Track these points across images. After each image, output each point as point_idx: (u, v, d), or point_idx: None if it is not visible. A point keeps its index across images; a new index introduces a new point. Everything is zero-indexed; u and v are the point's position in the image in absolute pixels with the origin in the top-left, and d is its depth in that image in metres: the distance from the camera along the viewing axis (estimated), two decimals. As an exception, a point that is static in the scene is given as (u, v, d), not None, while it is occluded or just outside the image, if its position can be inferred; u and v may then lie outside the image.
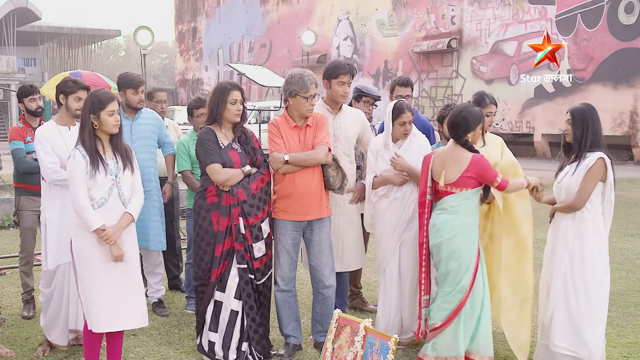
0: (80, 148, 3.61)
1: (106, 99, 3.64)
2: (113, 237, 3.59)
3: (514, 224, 4.05)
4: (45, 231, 4.20)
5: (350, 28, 29.82)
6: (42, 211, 4.26)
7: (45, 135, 4.14)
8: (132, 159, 3.79)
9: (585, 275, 3.79)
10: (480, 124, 3.88)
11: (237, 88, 4.08)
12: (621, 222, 9.54)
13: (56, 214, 4.13)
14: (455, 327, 3.84)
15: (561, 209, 3.89)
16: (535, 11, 21.85)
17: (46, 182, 4.19)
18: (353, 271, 5.02)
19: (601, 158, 3.75)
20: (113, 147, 3.72)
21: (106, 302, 3.61)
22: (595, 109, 3.90)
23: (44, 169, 4.12)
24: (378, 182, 4.38)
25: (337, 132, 4.47)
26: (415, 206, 4.24)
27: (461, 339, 3.85)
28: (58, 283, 4.19)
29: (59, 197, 4.13)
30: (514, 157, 4.30)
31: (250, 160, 4.14)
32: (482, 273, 3.93)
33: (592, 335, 3.76)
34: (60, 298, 4.18)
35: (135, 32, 13.81)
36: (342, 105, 4.56)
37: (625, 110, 19.67)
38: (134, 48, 44.42)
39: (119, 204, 3.67)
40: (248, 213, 4.03)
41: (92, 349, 3.76)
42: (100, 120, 3.62)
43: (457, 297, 3.83)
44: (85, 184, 3.57)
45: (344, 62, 4.55)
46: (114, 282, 3.64)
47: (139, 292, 3.80)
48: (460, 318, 3.85)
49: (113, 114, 3.63)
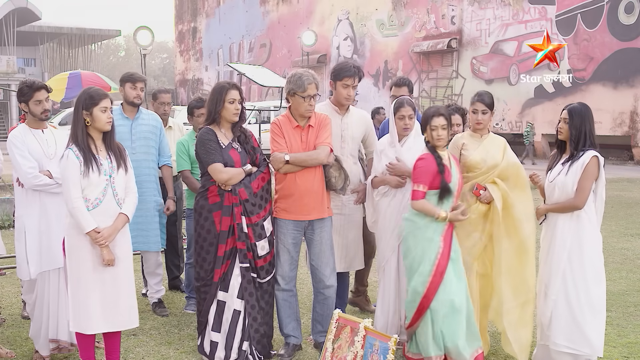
0: (73, 148, 3.55)
1: (98, 95, 3.59)
2: (108, 239, 3.56)
3: (515, 226, 4.03)
4: (24, 238, 4.04)
5: (350, 28, 29.83)
6: (19, 217, 4.10)
7: (21, 139, 4.00)
8: (125, 157, 3.74)
9: (585, 272, 3.82)
10: (427, 125, 3.89)
11: (235, 87, 4.09)
12: (621, 222, 9.54)
13: (35, 220, 4.00)
14: (424, 328, 3.81)
15: (558, 209, 3.90)
16: (535, 11, 21.86)
17: (22, 188, 4.05)
18: (361, 269, 5.04)
19: (595, 156, 3.80)
20: (106, 145, 3.67)
21: (96, 303, 3.58)
22: (590, 108, 3.94)
23: (23, 174, 3.95)
24: (377, 182, 4.40)
25: (344, 133, 4.49)
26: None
27: (430, 341, 3.78)
28: (39, 291, 4.09)
29: (36, 202, 4.00)
30: (517, 159, 4.26)
31: (250, 159, 4.15)
32: (457, 279, 3.83)
33: (594, 332, 3.79)
34: (41, 307, 4.07)
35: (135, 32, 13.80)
36: (348, 106, 4.56)
37: (625, 110, 19.69)
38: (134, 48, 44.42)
39: (113, 204, 3.63)
40: (250, 212, 4.04)
41: (87, 349, 3.73)
42: (93, 117, 3.57)
43: (415, 298, 3.82)
44: (79, 184, 3.51)
45: (351, 64, 4.50)
46: (106, 283, 3.61)
47: (130, 294, 3.76)
48: (427, 319, 3.80)
49: (106, 110, 3.59)
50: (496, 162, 4.09)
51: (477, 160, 4.11)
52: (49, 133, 4.14)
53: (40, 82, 4.14)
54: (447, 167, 3.87)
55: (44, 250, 4.00)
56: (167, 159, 5.20)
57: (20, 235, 4.08)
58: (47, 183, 3.96)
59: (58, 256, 3.89)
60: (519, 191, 4.06)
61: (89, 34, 42.96)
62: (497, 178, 4.06)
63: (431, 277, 3.78)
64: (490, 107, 4.16)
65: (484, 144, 4.16)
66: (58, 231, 3.89)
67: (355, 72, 4.42)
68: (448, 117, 3.92)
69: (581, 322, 3.79)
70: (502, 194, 4.03)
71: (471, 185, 4.11)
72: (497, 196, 4.02)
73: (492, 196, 4.02)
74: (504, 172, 4.07)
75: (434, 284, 3.77)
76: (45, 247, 4.00)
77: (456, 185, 3.88)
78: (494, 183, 4.06)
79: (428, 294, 3.78)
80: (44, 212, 4.01)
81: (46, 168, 4.00)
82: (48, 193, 3.99)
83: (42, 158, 4.00)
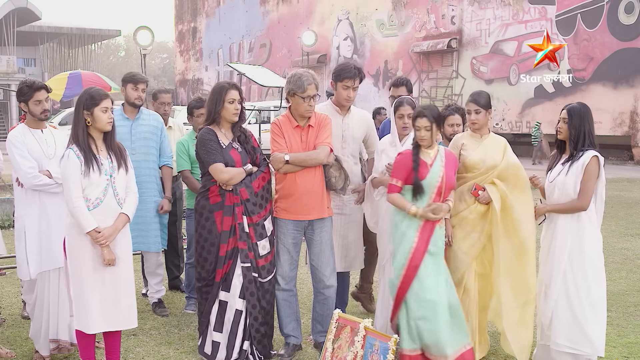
0: (74, 148, 3.55)
1: (99, 95, 3.60)
2: (109, 239, 3.56)
3: (514, 226, 4.01)
4: (24, 239, 4.04)
5: (350, 28, 29.83)
6: (19, 218, 4.11)
7: (20, 139, 4.00)
8: (126, 157, 3.75)
9: (586, 272, 3.82)
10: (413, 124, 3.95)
11: (235, 87, 4.09)
12: (621, 222, 9.54)
13: (35, 220, 4.00)
14: (401, 321, 3.84)
15: (562, 210, 3.90)
16: (535, 11, 21.85)
17: (22, 188, 4.05)
18: (367, 266, 5.04)
19: (595, 156, 3.80)
20: (107, 145, 3.68)
21: (96, 303, 3.58)
22: (589, 108, 3.94)
23: (23, 174, 3.95)
24: (376, 182, 4.41)
25: (345, 134, 4.49)
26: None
27: (405, 334, 3.80)
28: (39, 291, 4.09)
29: (36, 202, 4.00)
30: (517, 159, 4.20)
31: (250, 159, 4.15)
32: (434, 274, 3.81)
33: (595, 332, 3.79)
34: (41, 307, 4.08)
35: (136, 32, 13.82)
36: (350, 106, 4.55)
37: (625, 110, 19.68)
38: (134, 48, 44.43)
39: (114, 204, 3.64)
40: (251, 211, 4.05)
41: (87, 349, 3.74)
42: (94, 117, 3.57)
43: (392, 290, 3.89)
44: (80, 184, 3.51)
45: (352, 65, 4.48)
46: (106, 283, 3.61)
47: (130, 293, 3.76)
48: (402, 312, 3.83)
49: (107, 110, 3.59)
50: (495, 162, 4.07)
51: (476, 160, 4.10)
52: (49, 133, 4.14)
53: (40, 82, 4.14)
54: (426, 165, 3.87)
55: (44, 250, 4.00)
56: (168, 159, 5.20)
57: (20, 235, 4.08)
58: (47, 183, 3.96)
59: (58, 256, 3.89)
60: (519, 192, 4.04)
61: (89, 34, 42.94)
62: (496, 179, 4.05)
63: (404, 270, 3.82)
64: (484, 107, 4.11)
65: (483, 144, 4.14)
66: (58, 231, 3.89)
67: (355, 74, 4.41)
68: (433, 118, 3.87)
69: (582, 322, 3.79)
70: (501, 194, 4.01)
71: (470, 185, 4.11)
72: (495, 197, 4.01)
73: (491, 197, 4.02)
74: (503, 173, 4.05)
75: (407, 278, 3.81)
76: (45, 247, 4.00)
77: (434, 183, 3.86)
78: (492, 184, 4.05)
79: (402, 287, 3.83)
80: (44, 212, 4.01)
81: (46, 168, 4.00)
82: (48, 193, 4.00)
83: (41, 158, 4.00)
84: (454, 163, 4.01)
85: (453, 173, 3.97)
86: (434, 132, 3.91)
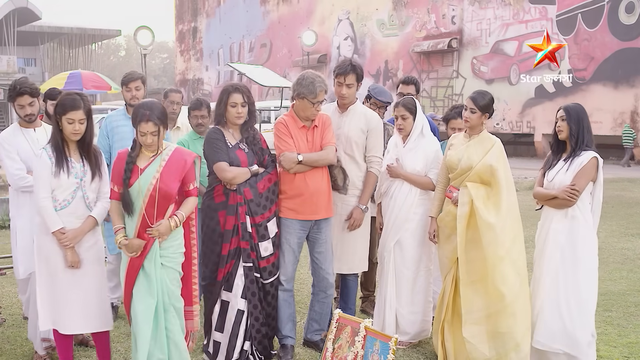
0: (48, 148, 3.53)
1: (69, 105, 3.46)
2: (72, 240, 3.52)
3: (483, 231, 3.83)
4: (15, 239, 4.10)
5: (350, 28, 29.83)
6: (12, 219, 4.15)
7: (9, 140, 4.01)
8: (100, 163, 3.66)
9: (577, 273, 3.77)
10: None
11: (239, 91, 4.04)
12: (621, 222, 9.54)
13: (26, 221, 4.01)
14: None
15: (553, 204, 3.85)
16: (536, 11, 21.85)
17: (13, 189, 4.07)
18: (366, 273, 5.01)
19: (595, 157, 3.77)
20: (80, 150, 3.60)
21: (65, 303, 3.57)
22: (584, 108, 3.93)
23: (10, 176, 3.99)
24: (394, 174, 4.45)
25: (338, 132, 4.37)
26: (414, 207, 4.35)
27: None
28: (31, 291, 4.08)
29: (27, 203, 4.01)
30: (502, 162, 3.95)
31: (257, 160, 4.13)
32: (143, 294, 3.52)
33: (581, 333, 3.74)
34: (34, 306, 4.04)
35: (136, 32, 13.84)
36: (350, 105, 4.41)
37: (626, 110, 19.67)
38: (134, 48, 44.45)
39: (82, 207, 3.58)
40: (255, 212, 4.04)
41: (64, 350, 3.72)
42: (62, 124, 3.51)
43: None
44: (49, 184, 3.49)
45: (348, 61, 4.34)
46: (74, 285, 3.58)
47: (102, 296, 3.73)
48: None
49: (73, 122, 3.46)
50: (470, 164, 3.94)
51: (453, 160, 4.04)
52: (42, 131, 4.14)
53: (24, 88, 4.06)
54: (138, 169, 3.52)
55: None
56: None
57: (14, 235, 4.12)
58: (33, 184, 3.95)
59: None
60: (495, 195, 3.89)
61: (89, 33, 42.94)
62: (472, 182, 3.93)
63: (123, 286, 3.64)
64: (480, 109, 3.97)
65: (468, 144, 4.04)
66: None
67: (346, 70, 4.27)
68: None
69: (567, 322, 3.73)
70: (469, 199, 3.89)
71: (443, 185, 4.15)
72: (462, 200, 3.92)
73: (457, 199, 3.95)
74: (480, 175, 3.92)
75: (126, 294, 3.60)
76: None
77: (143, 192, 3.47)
78: (465, 187, 3.96)
79: (125, 302, 3.64)
80: (34, 212, 4.01)
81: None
82: None
83: (30, 158, 3.97)
84: (180, 166, 3.57)
85: (175, 180, 3.54)
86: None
